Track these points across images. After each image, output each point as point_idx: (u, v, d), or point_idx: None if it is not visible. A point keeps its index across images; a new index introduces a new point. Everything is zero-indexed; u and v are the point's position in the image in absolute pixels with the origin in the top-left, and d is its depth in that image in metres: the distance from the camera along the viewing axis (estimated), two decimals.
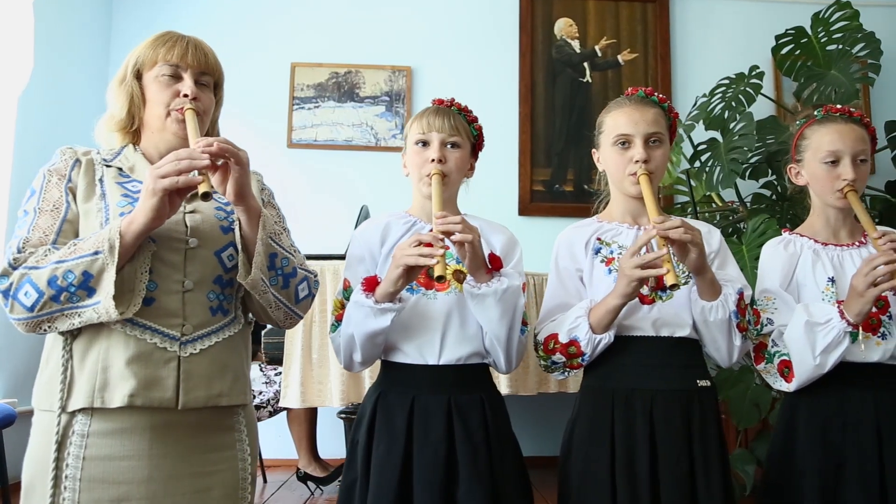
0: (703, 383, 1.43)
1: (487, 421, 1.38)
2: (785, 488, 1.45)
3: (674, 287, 1.27)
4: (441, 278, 1.22)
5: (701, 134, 3.21)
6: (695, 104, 3.05)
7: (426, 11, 3.97)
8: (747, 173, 3.08)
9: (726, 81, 3.25)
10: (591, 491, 1.38)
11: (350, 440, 1.44)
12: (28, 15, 3.06)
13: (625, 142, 1.48)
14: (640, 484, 1.34)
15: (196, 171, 1.19)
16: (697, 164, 2.98)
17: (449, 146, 1.47)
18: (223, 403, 1.28)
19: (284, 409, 2.95)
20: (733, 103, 3.17)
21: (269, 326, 2.98)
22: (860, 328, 1.42)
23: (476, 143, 1.56)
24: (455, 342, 1.39)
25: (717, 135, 3.05)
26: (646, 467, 1.34)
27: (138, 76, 1.37)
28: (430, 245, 1.27)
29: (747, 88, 3.15)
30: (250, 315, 1.41)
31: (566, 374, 1.48)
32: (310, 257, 2.82)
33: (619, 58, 3.97)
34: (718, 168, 2.81)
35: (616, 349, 1.42)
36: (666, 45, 3.98)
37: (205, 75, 1.38)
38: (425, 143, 1.47)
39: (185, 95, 1.33)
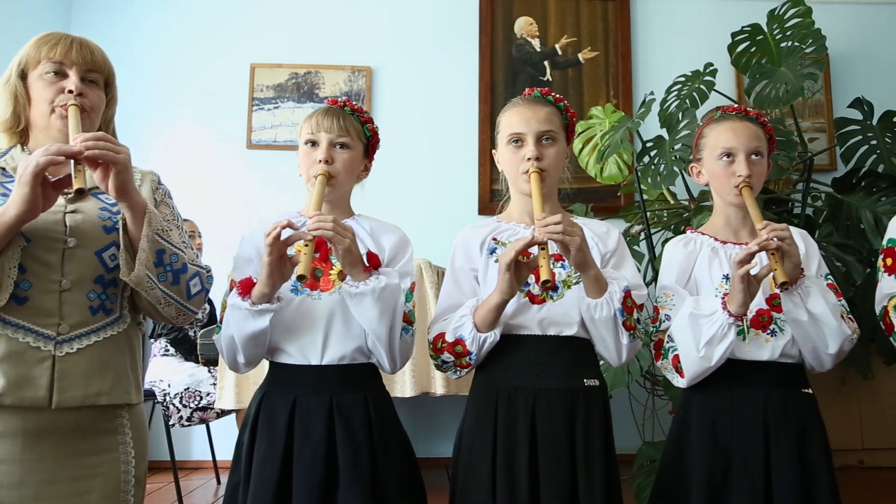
0: (590, 382, 1.42)
1: (371, 421, 1.38)
2: (675, 487, 1.45)
3: (546, 283, 1.27)
4: (302, 277, 1.22)
5: (656, 132, 3.20)
6: (643, 102, 3.04)
7: (386, 12, 3.96)
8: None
9: (682, 79, 3.25)
10: (473, 489, 1.37)
11: (236, 441, 1.43)
12: None
13: (517, 140, 1.48)
14: (519, 482, 1.33)
15: (72, 165, 1.19)
16: (646, 160, 2.96)
17: (338, 147, 1.47)
18: (103, 402, 1.27)
19: (234, 410, 2.95)
20: (687, 101, 3.16)
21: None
22: (743, 322, 1.41)
23: (369, 144, 1.55)
24: (338, 342, 1.39)
25: (665, 133, 3.04)
26: (525, 466, 1.33)
27: (23, 76, 1.37)
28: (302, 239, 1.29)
29: (701, 86, 3.14)
30: (141, 316, 1.41)
31: (458, 373, 1.48)
32: None
33: (580, 56, 3.96)
34: (663, 165, 2.80)
35: (503, 348, 1.42)
36: (627, 44, 3.96)
37: (92, 72, 1.38)
38: (314, 144, 1.47)
39: (70, 91, 1.33)
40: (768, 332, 1.44)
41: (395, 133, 3.92)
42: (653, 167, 2.87)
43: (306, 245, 1.26)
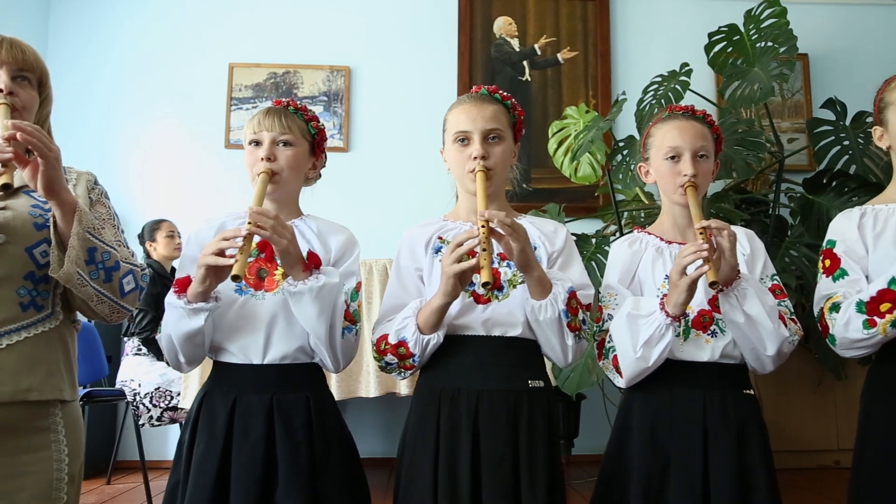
0: (535, 384, 1.41)
1: (312, 420, 1.37)
2: (615, 487, 1.44)
3: (487, 284, 1.26)
4: (237, 277, 1.21)
5: (633, 132, 3.19)
6: (615, 102, 3.04)
7: (365, 11, 3.96)
8: None
9: (658, 79, 3.25)
10: (416, 490, 1.36)
11: (178, 440, 1.43)
12: None
13: (464, 139, 1.48)
14: (461, 483, 1.32)
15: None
16: (619, 159, 2.97)
17: (281, 144, 1.46)
18: (33, 398, 1.26)
19: None
20: (663, 101, 3.16)
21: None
22: (681, 322, 1.41)
23: (315, 142, 1.54)
24: (280, 341, 1.38)
25: (638, 133, 3.04)
26: (467, 467, 1.32)
27: None
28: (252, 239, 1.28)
29: (676, 86, 3.14)
30: (77, 312, 1.41)
31: (402, 374, 1.47)
32: None
33: (559, 56, 3.96)
34: (633, 165, 2.80)
35: (448, 349, 1.41)
36: (606, 44, 3.96)
37: (23, 72, 1.38)
38: (258, 143, 1.47)
39: (0, 90, 1.33)
40: (709, 332, 1.43)
41: (374, 132, 3.92)
42: (624, 166, 2.87)
43: (243, 244, 1.26)
